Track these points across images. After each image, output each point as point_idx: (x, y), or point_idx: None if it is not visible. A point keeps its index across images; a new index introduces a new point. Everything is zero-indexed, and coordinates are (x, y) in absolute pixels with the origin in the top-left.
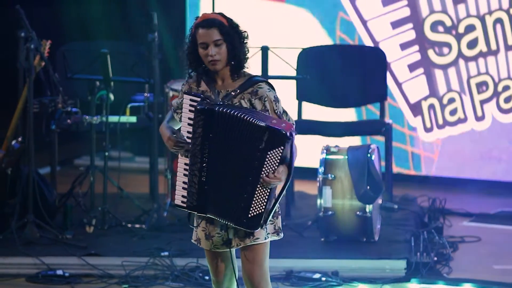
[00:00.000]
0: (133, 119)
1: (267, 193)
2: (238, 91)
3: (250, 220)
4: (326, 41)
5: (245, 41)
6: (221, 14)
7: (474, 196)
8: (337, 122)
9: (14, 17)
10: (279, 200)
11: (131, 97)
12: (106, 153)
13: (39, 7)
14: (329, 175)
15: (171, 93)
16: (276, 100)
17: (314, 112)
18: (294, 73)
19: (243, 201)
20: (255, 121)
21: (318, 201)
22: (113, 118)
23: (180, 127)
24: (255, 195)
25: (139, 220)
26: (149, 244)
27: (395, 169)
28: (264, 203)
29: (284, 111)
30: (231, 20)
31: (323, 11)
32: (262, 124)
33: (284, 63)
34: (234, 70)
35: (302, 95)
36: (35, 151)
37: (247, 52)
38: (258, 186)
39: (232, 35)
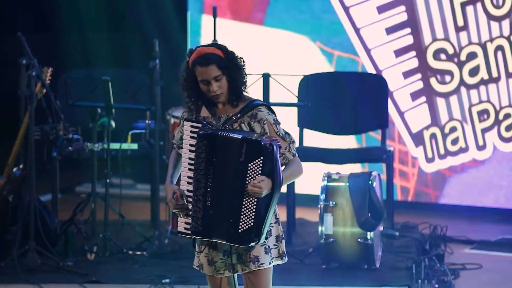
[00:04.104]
0: (135, 146)
1: (254, 206)
2: (239, 115)
3: (240, 235)
4: (328, 68)
5: (243, 67)
6: (215, 46)
7: (475, 223)
8: (339, 149)
9: (16, 44)
10: (270, 215)
11: (133, 124)
12: (108, 180)
13: (41, 34)
14: (330, 202)
15: (172, 120)
16: (276, 122)
17: (315, 139)
18: (295, 100)
19: (232, 216)
20: (236, 135)
21: (319, 228)
22: (115, 145)
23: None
24: (242, 209)
25: (140, 247)
26: (151, 271)
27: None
28: (252, 217)
29: (287, 133)
30: (226, 49)
31: (326, 38)
32: (239, 136)
33: (285, 90)
34: (234, 97)
35: (303, 122)
36: (37, 178)
37: (245, 77)
38: (244, 199)
39: (230, 67)
